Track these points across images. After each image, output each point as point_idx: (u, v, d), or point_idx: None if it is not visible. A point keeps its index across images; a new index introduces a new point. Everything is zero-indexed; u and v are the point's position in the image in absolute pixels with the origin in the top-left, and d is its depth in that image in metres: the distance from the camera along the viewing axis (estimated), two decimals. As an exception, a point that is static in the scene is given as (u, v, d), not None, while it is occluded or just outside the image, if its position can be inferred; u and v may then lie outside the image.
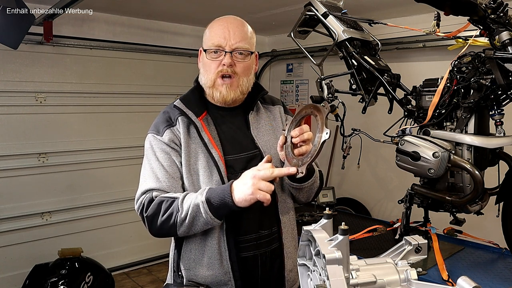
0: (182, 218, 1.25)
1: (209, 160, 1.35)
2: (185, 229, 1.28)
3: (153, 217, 1.30)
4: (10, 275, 3.38)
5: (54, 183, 3.59)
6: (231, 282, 1.35)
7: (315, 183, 1.44)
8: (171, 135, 1.37)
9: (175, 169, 1.36)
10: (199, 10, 3.48)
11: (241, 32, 1.39)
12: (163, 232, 1.32)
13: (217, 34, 1.37)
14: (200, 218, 1.24)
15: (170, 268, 1.46)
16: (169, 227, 1.28)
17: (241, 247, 1.36)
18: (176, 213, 1.26)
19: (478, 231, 2.27)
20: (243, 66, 1.39)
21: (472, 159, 1.83)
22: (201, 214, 1.24)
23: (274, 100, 1.59)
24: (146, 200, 1.32)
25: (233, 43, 1.36)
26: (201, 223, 1.26)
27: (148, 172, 1.37)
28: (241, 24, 1.42)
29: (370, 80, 2.22)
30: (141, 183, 1.38)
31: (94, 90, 3.75)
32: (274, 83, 4.96)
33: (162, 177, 1.34)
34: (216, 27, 1.40)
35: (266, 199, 1.19)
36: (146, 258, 4.20)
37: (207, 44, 1.39)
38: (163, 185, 1.33)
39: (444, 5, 1.73)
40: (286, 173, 1.23)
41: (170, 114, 1.41)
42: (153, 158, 1.37)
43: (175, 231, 1.29)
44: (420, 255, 0.91)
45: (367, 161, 3.87)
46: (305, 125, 1.29)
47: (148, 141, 1.41)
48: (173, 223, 1.27)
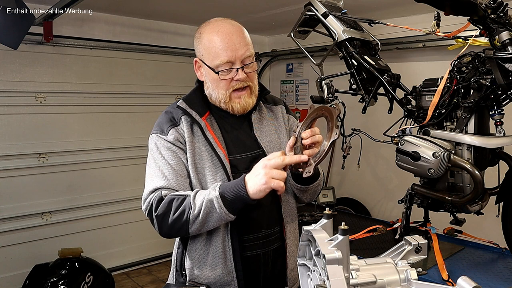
0: (195, 214, 1.23)
1: (214, 160, 1.34)
2: (197, 226, 1.25)
3: (164, 216, 1.27)
4: (10, 275, 3.38)
5: (54, 183, 3.59)
6: (234, 282, 1.35)
7: (319, 186, 1.46)
8: (176, 134, 1.36)
9: (182, 167, 1.34)
10: (199, 10, 3.49)
11: (243, 39, 1.35)
12: (174, 230, 1.28)
13: (223, 49, 1.31)
14: (214, 214, 1.22)
15: (173, 267, 1.46)
16: (181, 225, 1.25)
17: (244, 246, 1.36)
18: (188, 210, 1.23)
19: (478, 231, 2.27)
20: (253, 74, 1.39)
21: (472, 159, 1.83)
22: (215, 210, 1.21)
23: (276, 100, 1.59)
24: (155, 199, 1.29)
25: (241, 54, 1.32)
26: (215, 219, 1.23)
27: (155, 171, 1.34)
28: (240, 30, 1.37)
29: (370, 80, 2.22)
30: (148, 183, 1.35)
31: (94, 90, 3.74)
32: (274, 83, 4.96)
33: (169, 175, 1.32)
34: (219, 41, 1.32)
35: (280, 186, 1.18)
36: (146, 258, 4.20)
37: (215, 63, 1.33)
38: (171, 183, 1.31)
39: (444, 5, 1.73)
40: (297, 160, 1.23)
41: (173, 114, 1.40)
42: (159, 157, 1.35)
43: (187, 229, 1.26)
44: (420, 255, 0.91)
45: (367, 161, 3.87)
46: (316, 128, 1.29)
47: (152, 141, 1.39)
48: (185, 220, 1.24)
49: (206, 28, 1.37)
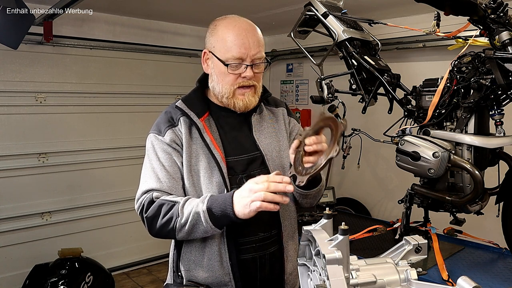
0: (181, 223, 1.25)
1: (210, 161, 1.34)
2: (184, 234, 1.27)
3: (153, 219, 1.29)
4: (10, 275, 3.38)
5: (54, 183, 3.59)
6: (231, 283, 1.35)
7: (320, 192, 1.45)
8: (173, 135, 1.36)
9: (176, 169, 1.35)
10: (199, 10, 3.48)
11: (258, 41, 1.35)
12: (162, 234, 1.31)
13: (237, 45, 1.32)
14: (200, 226, 1.24)
15: (170, 268, 1.46)
16: (168, 231, 1.28)
17: (240, 249, 1.36)
18: (175, 218, 1.25)
19: (478, 231, 2.27)
20: (260, 75, 1.39)
21: (472, 159, 1.83)
22: (201, 223, 1.23)
23: (277, 102, 1.58)
24: (146, 201, 1.32)
25: (253, 53, 1.33)
26: (201, 231, 1.25)
27: (149, 172, 1.36)
28: (256, 30, 1.37)
29: (370, 80, 2.22)
30: (142, 183, 1.38)
31: (94, 90, 3.74)
32: (274, 83, 4.96)
33: (163, 177, 1.34)
34: (234, 36, 1.32)
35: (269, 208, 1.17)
36: (146, 258, 4.20)
37: (226, 56, 1.33)
38: (163, 185, 1.33)
39: (444, 5, 1.73)
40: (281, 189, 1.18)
41: (172, 114, 1.40)
42: (155, 158, 1.36)
43: (174, 235, 1.29)
44: (420, 255, 0.91)
45: (367, 161, 3.87)
46: (323, 136, 1.26)
47: (149, 141, 1.40)
48: (172, 227, 1.27)
49: (223, 21, 1.38)
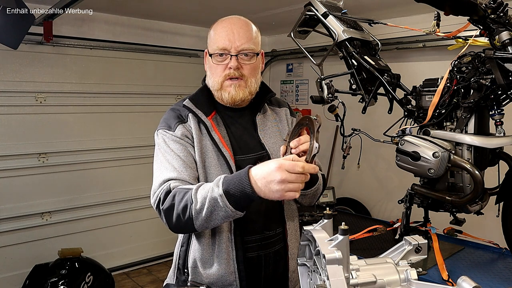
0: (197, 210, 1.16)
1: (220, 159, 1.35)
2: (202, 222, 1.18)
3: (169, 211, 1.21)
4: (10, 275, 3.38)
5: (54, 183, 3.59)
6: (236, 282, 1.35)
7: (318, 190, 1.44)
8: (184, 130, 1.36)
9: (191, 159, 1.33)
10: (199, 10, 3.48)
11: (245, 33, 1.37)
12: (180, 226, 1.22)
13: (222, 37, 1.35)
14: (219, 212, 1.15)
15: (174, 265, 1.45)
16: (185, 221, 1.19)
17: (246, 247, 1.36)
18: (190, 205, 1.17)
19: (478, 231, 2.27)
20: (250, 68, 1.38)
21: (472, 159, 1.83)
22: (220, 207, 1.13)
23: (280, 102, 1.60)
24: (162, 193, 1.24)
25: (238, 45, 1.34)
26: (221, 217, 1.16)
27: (164, 164, 1.31)
28: (246, 24, 1.39)
29: (370, 80, 2.22)
30: (157, 176, 1.31)
31: (94, 90, 3.74)
32: (274, 83, 4.96)
33: (179, 166, 1.29)
34: (220, 29, 1.37)
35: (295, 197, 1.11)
36: (146, 258, 4.20)
37: (212, 48, 1.37)
38: (181, 174, 1.27)
39: (444, 5, 1.73)
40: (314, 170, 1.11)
41: (180, 112, 1.40)
42: (168, 150, 1.33)
43: (192, 225, 1.19)
44: (420, 255, 0.91)
45: (367, 161, 3.87)
46: (303, 136, 1.27)
47: (160, 136, 1.38)
48: (188, 216, 1.17)
49: (218, 21, 1.42)
